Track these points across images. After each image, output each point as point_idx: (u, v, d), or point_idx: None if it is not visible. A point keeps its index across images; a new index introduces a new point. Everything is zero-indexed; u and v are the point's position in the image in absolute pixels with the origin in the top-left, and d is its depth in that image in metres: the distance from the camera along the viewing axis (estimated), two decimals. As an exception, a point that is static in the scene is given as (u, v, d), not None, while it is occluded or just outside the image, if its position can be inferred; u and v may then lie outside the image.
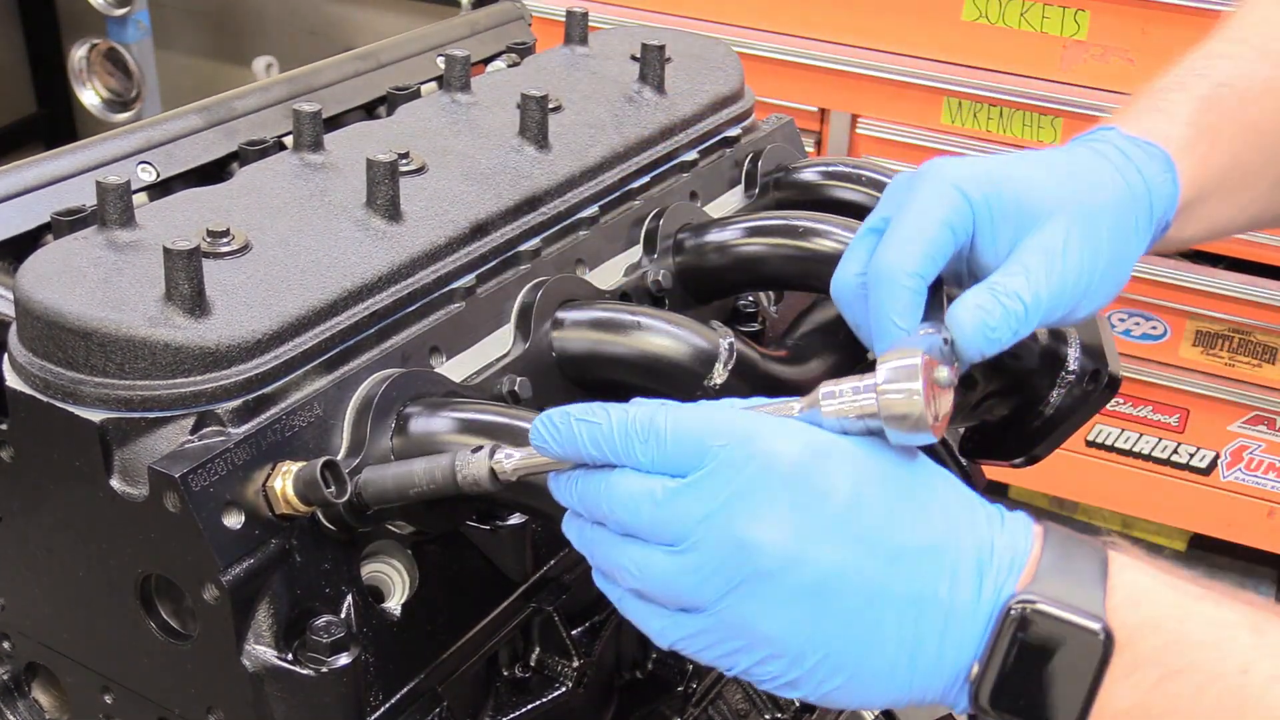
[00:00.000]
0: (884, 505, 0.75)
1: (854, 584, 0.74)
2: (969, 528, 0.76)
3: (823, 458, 0.75)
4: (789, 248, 1.10)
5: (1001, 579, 0.75)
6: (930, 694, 0.76)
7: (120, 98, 3.57)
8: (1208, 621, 0.74)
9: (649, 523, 0.76)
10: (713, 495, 0.75)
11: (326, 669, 0.82)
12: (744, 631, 0.75)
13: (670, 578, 0.76)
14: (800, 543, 0.74)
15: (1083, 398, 1.15)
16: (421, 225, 0.99)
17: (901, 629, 0.74)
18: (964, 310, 0.87)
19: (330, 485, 0.80)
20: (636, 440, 0.77)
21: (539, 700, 0.97)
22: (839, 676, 0.75)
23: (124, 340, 0.83)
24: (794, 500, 0.74)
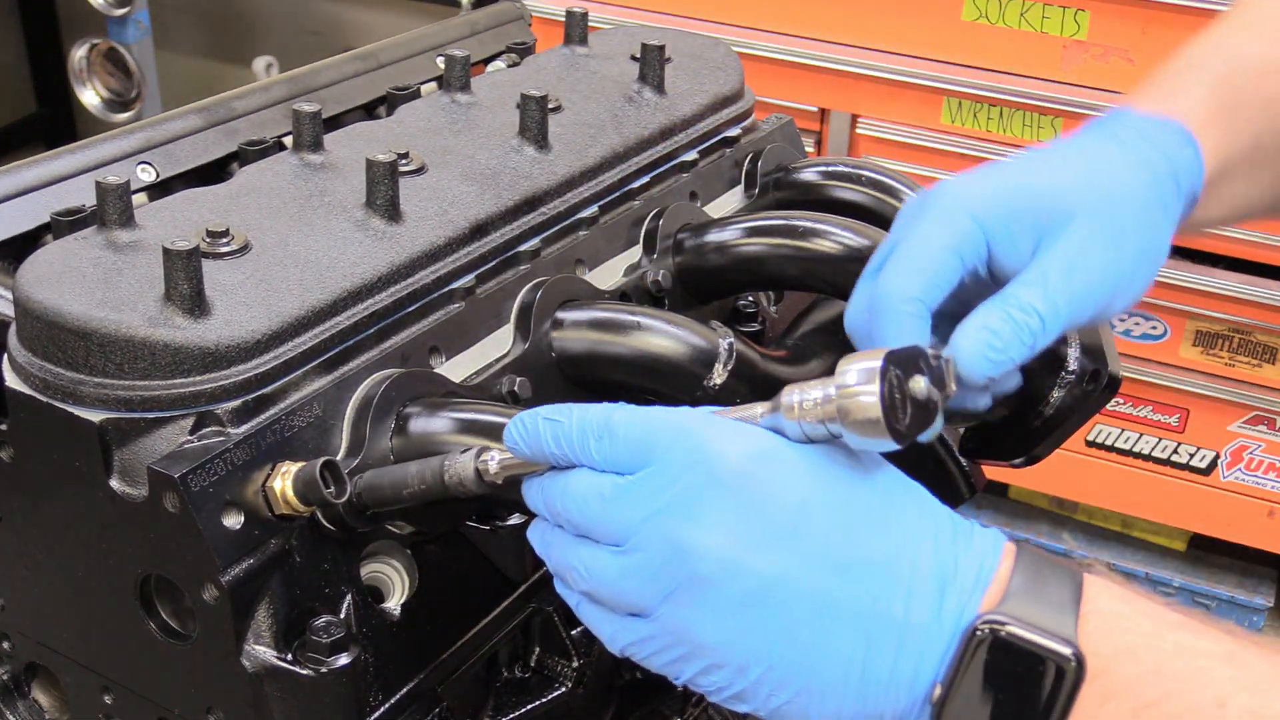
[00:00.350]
0: (833, 515, 0.73)
1: (797, 595, 0.72)
2: (930, 542, 0.74)
3: (769, 462, 0.73)
4: (789, 248, 1.10)
5: (965, 597, 0.72)
6: (888, 713, 0.73)
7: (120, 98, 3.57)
8: (1185, 652, 0.71)
9: (596, 520, 0.75)
10: (655, 496, 0.73)
11: (326, 669, 0.82)
12: (685, 639, 0.73)
13: (615, 579, 0.75)
14: (739, 549, 0.72)
15: (1083, 398, 1.14)
16: (421, 225, 0.99)
17: (851, 644, 0.72)
18: (966, 334, 0.84)
19: (329, 485, 0.80)
20: (591, 438, 0.76)
21: (539, 700, 0.97)
22: (786, 690, 0.73)
23: (123, 340, 0.82)
24: (735, 505, 0.72)
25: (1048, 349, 1.16)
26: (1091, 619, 0.72)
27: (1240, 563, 3.04)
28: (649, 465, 0.74)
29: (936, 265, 0.87)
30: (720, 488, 0.73)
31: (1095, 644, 0.71)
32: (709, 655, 0.73)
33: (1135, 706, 0.70)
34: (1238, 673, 0.70)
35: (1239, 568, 3.04)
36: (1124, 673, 0.70)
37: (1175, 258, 2.67)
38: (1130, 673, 0.70)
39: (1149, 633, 0.72)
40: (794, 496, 0.73)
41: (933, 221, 0.88)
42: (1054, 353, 1.17)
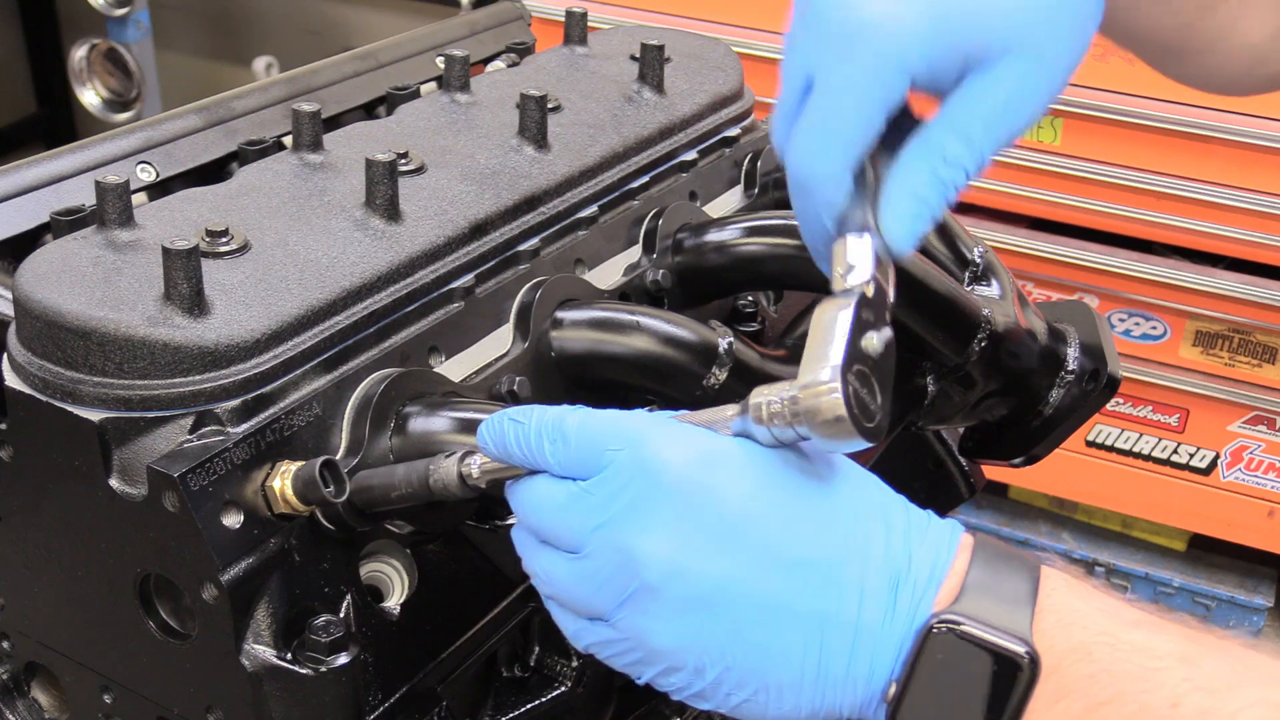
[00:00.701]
0: (780, 516, 0.73)
1: (744, 598, 0.72)
2: (881, 540, 0.73)
3: (713, 467, 0.73)
4: (788, 247, 1.10)
5: (918, 596, 0.72)
6: (845, 710, 0.74)
7: (120, 98, 3.57)
8: (1140, 651, 0.71)
9: (551, 527, 0.76)
10: (605, 503, 0.74)
11: (325, 668, 0.82)
12: (641, 644, 0.74)
13: (571, 586, 0.75)
14: (684, 556, 0.72)
15: (1082, 398, 1.15)
16: (420, 225, 0.99)
17: (804, 645, 0.72)
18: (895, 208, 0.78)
19: (329, 485, 0.80)
20: (546, 441, 0.77)
21: (538, 700, 0.97)
22: (744, 690, 0.73)
23: (123, 340, 0.83)
24: (679, 511, 0.72)
25: (1047, 349, 1.16)
26: (1047, 616, 0.72)
27: (1240, 563, 3.04)
28: (600, 471, 0.74)
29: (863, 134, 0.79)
30: (664, 495, 0.73)
31: (1050, 641, 0.71)
32: (665, 659, 0.74)
33: (1088, 705, 0.70)
34: (1192, 672, 0.70)
35: (1239, 568, 3.04)
36: (1078, 671, 0.70)
37: (1175, 258, 2.68)
38: (1084, 671, 0.70)
39: (1105, 630, 0.72)
40: (738, 500, 0.73)
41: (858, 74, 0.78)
42: (1053, 353, 1.17)
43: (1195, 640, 0.72)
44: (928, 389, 1.15)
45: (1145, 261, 2.66)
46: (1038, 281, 2.72)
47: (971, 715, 0.71)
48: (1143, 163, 2.50)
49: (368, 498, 0.83)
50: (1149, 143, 2.46)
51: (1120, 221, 2.60)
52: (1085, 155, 2.54)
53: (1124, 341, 2.76)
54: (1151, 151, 2.47)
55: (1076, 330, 1.20)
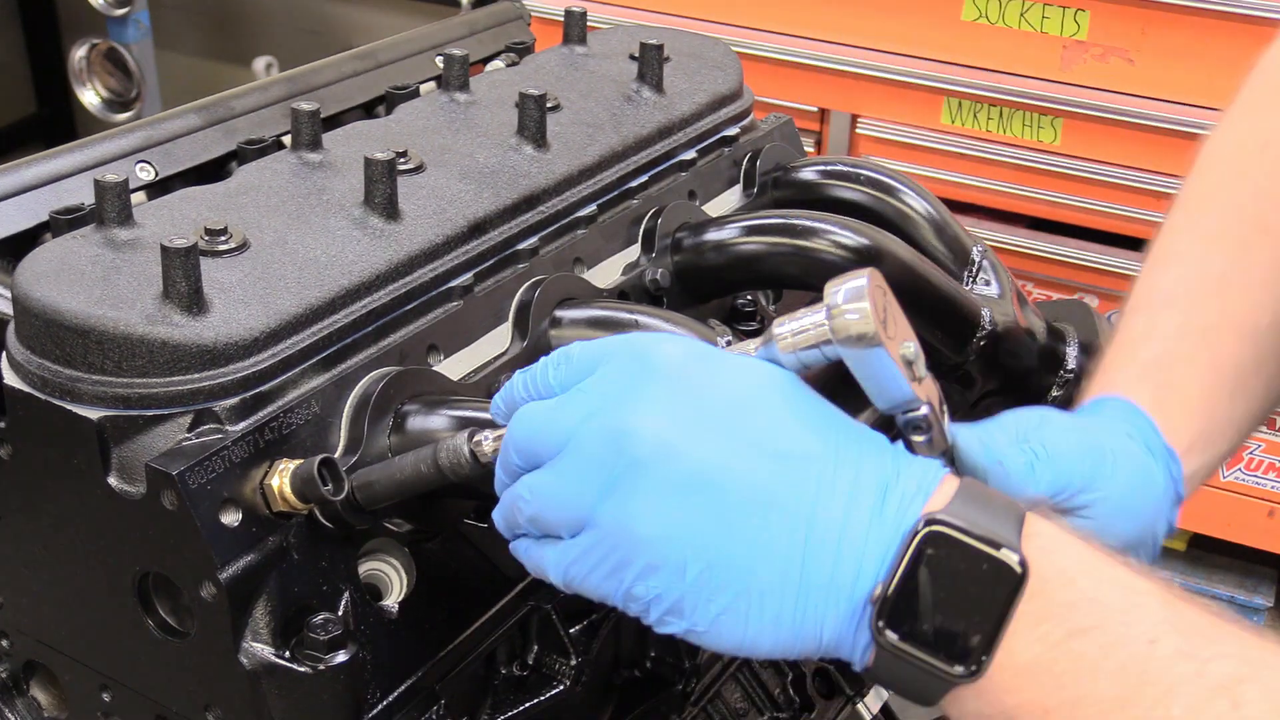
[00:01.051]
0: (776, 410, 0.73)
1: (734, 482, 0.71)
2: (873, 450, 0.74)
3: (712, 361, 0.75)
4: (787, 247, 1.10)
5: (907, 501, 0.72)
6: (828, 623, 0.72)
7: (120, 98, 3.57)
8: (1121, 585, 0.71)
9: (541, 433, 0.76)
10: (596, 395, 0.75)
11: (324, 666, 0.82)
12: (624, 539, 0.72)
13: (555, 488, 0.75)
14: (677, 433, 0.72)
15: (1081, 397, 1.14)
16: (419, 224, 0.99)
17: (790, 540, 0.71)
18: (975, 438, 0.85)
19: (327, 483, 0.80)
20: (551, 367, 0.78)
21: (537, 698, 0.97)
22: (726, 593, 0.72)
23: (122, 338, 0.83)
24: (674, 393, 0.73)
25: (1047, 349, 1.16)
26: (1033, 540, 0.72)
27: (1240, 563, 3.04)
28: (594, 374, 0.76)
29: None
30: (660, 378, 0.74)
31: (1035, 564, 0.70)
32: (647, 552, 0.72)
33: (1069, 630, 0.69)
34: (1171, 614, 0.70)
35: (1239, 568, 3.04)
36: (1061, 596, 0.70)
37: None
38: (1066, 597, 0.70)
39: (1088, 561, 0.72)
40: (735, 389, 0.74)
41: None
42: (1053, 352, 1.17)
43: (1173, 588, 0.72)
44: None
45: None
46: (1038, 281, 2.72)
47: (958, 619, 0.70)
48: (1143, 163, 2.50)
49: (371, 493, 0.83)
50: (1149, 143, 2.46)
51: (1120, 221, 2.60)
52: (1085, 155, 2.54)
53: (1124, 341, 2.75)
54: (1151, 151, 2.47)
55: (1076, 330, 1.20)
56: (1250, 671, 0.68)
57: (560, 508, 0.75)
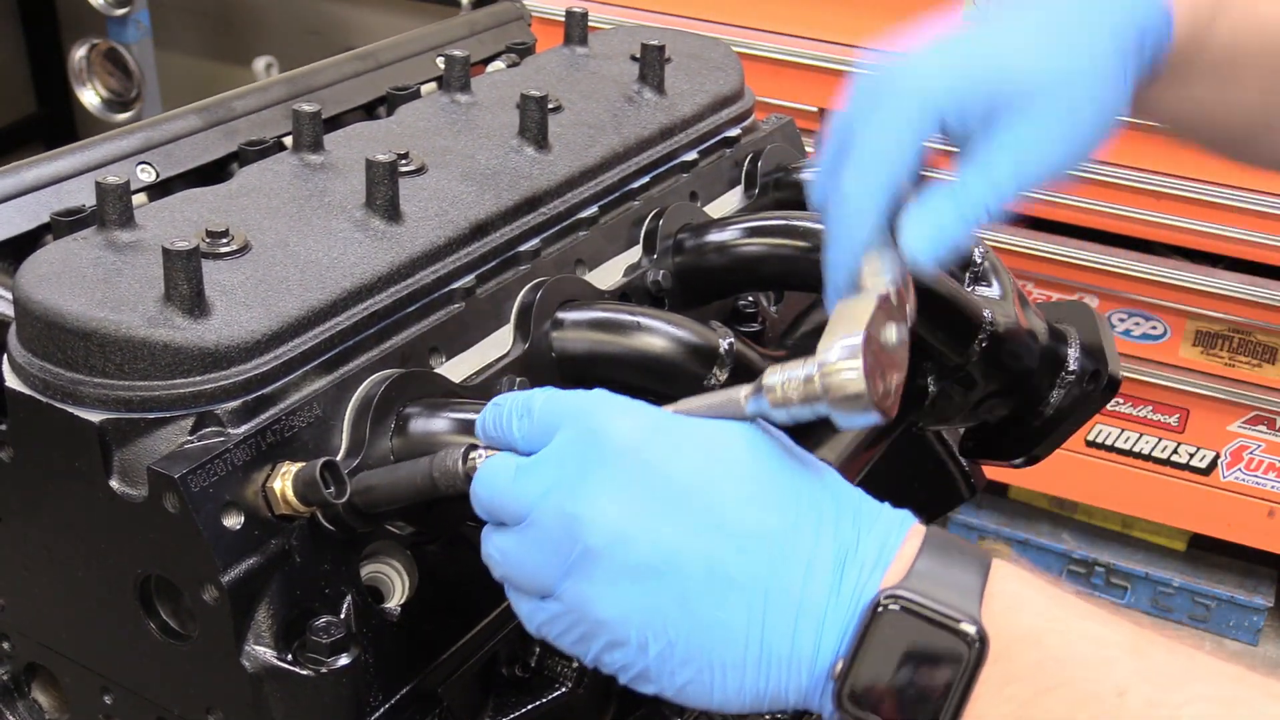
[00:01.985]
0: (727, 488, 0.73)
1: (689, 566, 0.72)
2: (831, 520, 0.73)
3: (661, 436, 0.74)
4: (789, 248, 1.10)
5: (865, 574, 0.72)
6: (791, 692, 0.73)
7: (120, 98, 3.57)
8: (1088, 639, 0.71)
9: (502, 499, 0.76)
10: (552, 471, 0.75)
11: (326, 669, 0.82)
12: (586, 616, 0.73)
13: (519, 558, 0.76)
14: (629, 521, 0.72)
15: (1082, 398, 1.15)
16: (421, 226, 0.99)
17: (748, 618, 0.71)
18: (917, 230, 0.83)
19: (329, 486, 0.80)
20: (515, 418, 0.78)
21: (539, 701, 0.97)
22: (689, 668, 0.72)
23: (123, 341, 0.82)
24: (624, 478, 0.73)
25: (1048, 349, 1.16)
26: (996, 600, 0.71)
27: (1240, 563, 3.04)
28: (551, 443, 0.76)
29: (894, 166, 0.85)
30: (609, 461, 0.73)
31: (999, 626, 0.70)
32: (608, 632, 0.73)
33: (1036, 691, 0.69)
34: (1140, 664, 0.70)
35: (1239, 568, 3.04)
36: (1026, 657, 0.70)
37: (1175, 257, 2.68)
38: (1032, 657, 0.70)
39: (1053, 618, 0.72)
40: (686, 469, 0.73)
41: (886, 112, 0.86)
42: (1054, 353, 1.17)
43: (1143, 634, 0.72)
44: (928, 389, 1.15)
45: (1145, 261, 2.66)
46: (1038, 281, 2.72)
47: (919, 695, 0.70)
48: (1143, 163, 2.50)
49: (370, 498, 0.83)
50: (1149, 143, 2.45)
51: (1120, 221, 2.60)
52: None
53: (1124, 341, 2.76)
54: (1151, 152, 2.47)
55: (1077, 330, 1.20)
56: (1224, 713, 0.68)
57: (526, 577, 0.76)
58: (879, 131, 0.86)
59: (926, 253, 0.83)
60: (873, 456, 1.20)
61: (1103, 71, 0.88)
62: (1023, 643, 0.70)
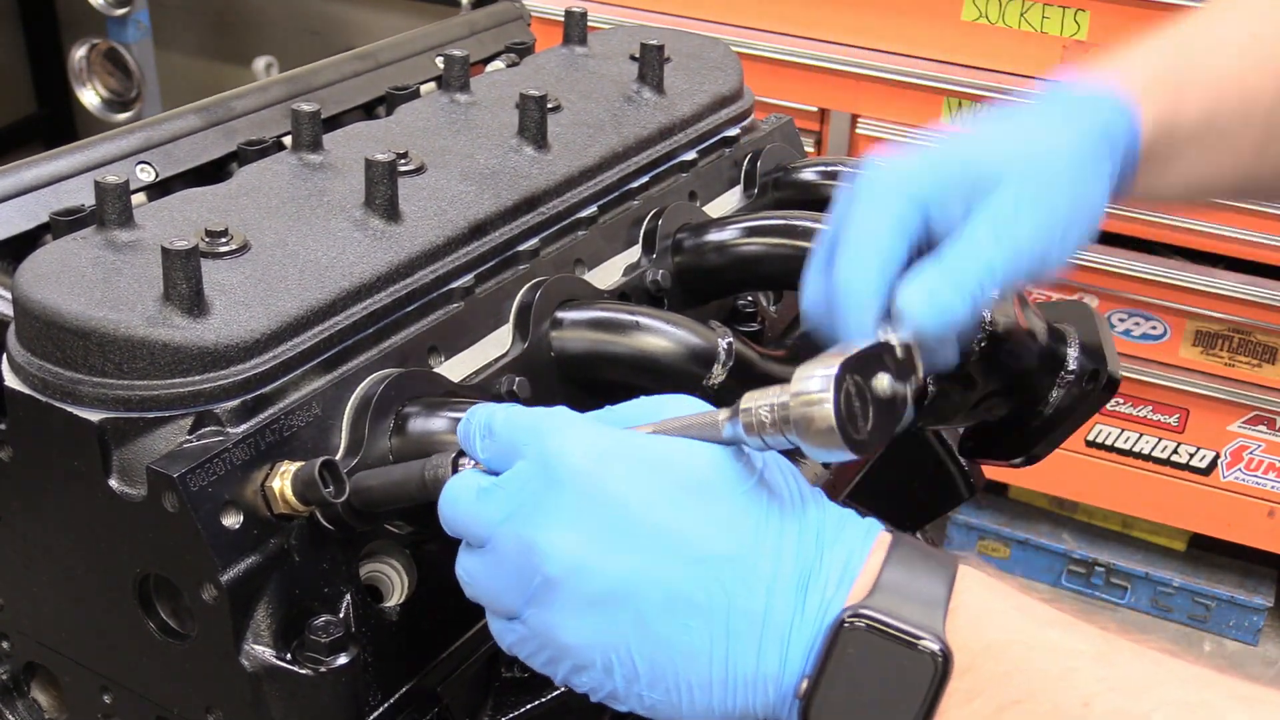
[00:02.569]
0: (683, 512, 0.73)
1: (648, 592, 0.72)
2: (793, 538, 0.73)
3: (615, 462, 0.74)
4: (788, 248, 1.10)
5: (830, 593, 0.72)
6: (759, 709, 0.73)
7: (120, 98, 3.57)
8: (1053, 650, 0.71)
9: (464, 522, 0.77)
10: (511, 497, 0.75)
11: (325, 669, 0.82)
12: (550, 642, 0.74)
13: (485, 582, 0.76)
14: (584, 550, 0.72)
15: (1082, 398, 1.14)
16: (420, 225, 0.99)
17: (711, 641, 0.72)
18: (911, 294, 0.84)
19: (328, 485, 0.80)
20: (478, 436, 0.79)
21: (538, 700, 0.97)
22: (656, 690, 0.73)
23: (122, 340, 0.82)
24: (579, 506, 0.73)
25: (1047, 349, 1.16)
26: (961, 614, 0.72)
27: (1240, 563, 3.04)
28: (512, 466, 0.76)
29: (885, 252, 0.87)
30: (564, 489, 0.74)
31: (963, 639, 0.70)
32: (572, 656, 0.74)
33: (1001, 704, 0.69)
34: (1106, 672, 0.70)
35: (1239, 568, 3.04)
36: (990, 670, 0.70)
37: (1175, 257, 2.68)
38: (997, 670, 0.70)
39: (1018, 629, 0.72)
40: (641, 495, 0.73)
41: (872, 207, 0.89)
42: (1053, 353, 1.17)
43: (1110, 641, 0.72)
44: (927, 389, 1.15)
45: (1145, 261, 2.66)
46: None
47: (885, 712, 0.70)
48: (1143, 163, 2.50)
49: (366, 498, 0.83)
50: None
51: (1120, 222, 2.60)
52: (1085, 155, 2.54)
53: (1124, 341, 2.76)
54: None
55: (1076, 330, 1.19)
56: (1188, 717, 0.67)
57: (492, 600, 0.77)
58: (866, 222, 0.88)
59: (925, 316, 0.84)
60: (872, 457, 1.20)
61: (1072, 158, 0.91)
62: (987, 654, 0.71)
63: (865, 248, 0.88)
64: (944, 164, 0.90)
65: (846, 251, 0.88)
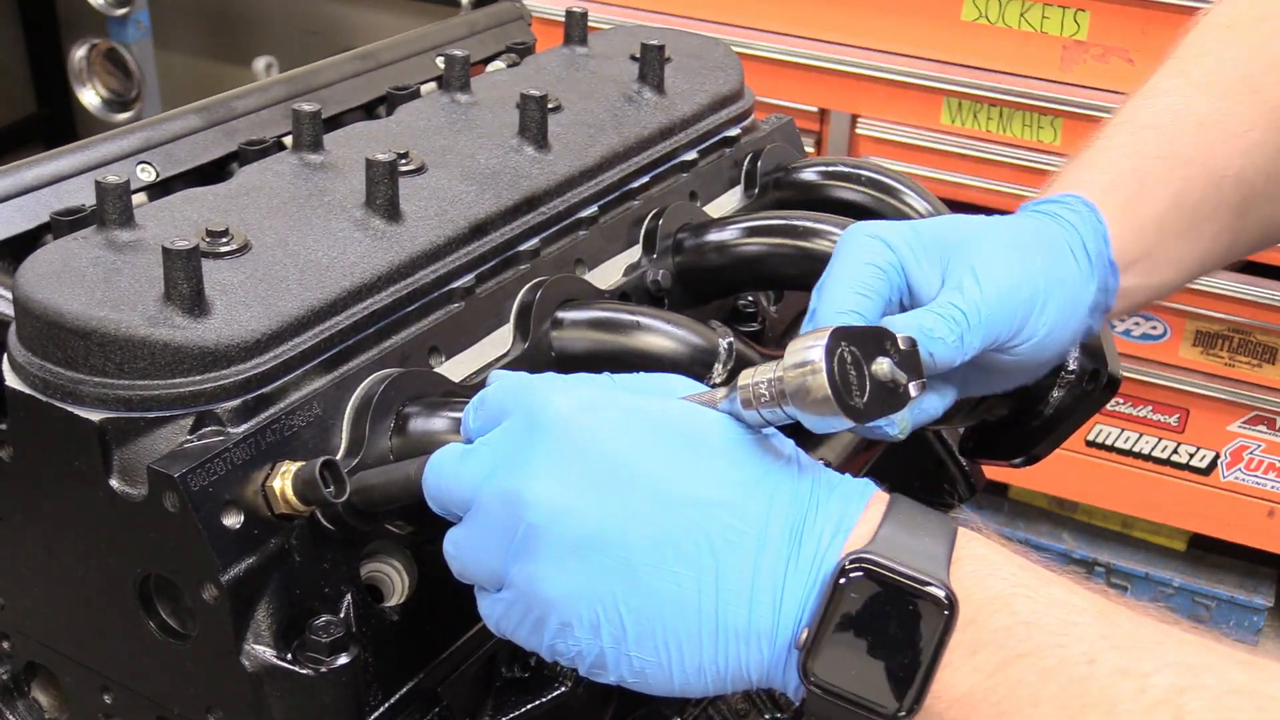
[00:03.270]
0: (671, 457, 0.72)
1: (632, 537, 0.71)
2: (787, 488, 0.72)
3: (599, 410, 0.74)
4: (788, 248, 1.10)
5: (825, 542, 0.71)
6: (753, 668, 0.72)
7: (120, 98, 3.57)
8: (1057, 604, 0.70)
9: (449, 486, 0.76)
10: (493, 453, 0.75)
11: (326, 669, 0.82)
12: (536, 599, 0.73)
13: (470, 547, 0.76)
14: (569, 495, 0.71)
15: (1083, 398, 1.15)
16: (421, 225, 0.99)
17: (699, 590, 0.70)
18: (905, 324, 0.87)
19: (329, 485, 0.80)
20: (471, 411, 0.79)
21: (538, 700, 0.97)
22: (644, 648, 0.71)
23: (123, 340, 0.83)
24: (561, 452, 0.72)
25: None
26: (964, 565, 0.71)
27: (1240, 563, 3.04)
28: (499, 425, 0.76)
29: (864, 280, 0.89)
30: (546, 436, 0.73)
31: (967, 589, 0.69)
32: (559, 611, 0.72)
33: (1005, 657, 0.68)
34: (1110, 630, 0.69)
35: (1239, 568, 3.04)
36: (995, 622, 0.69)
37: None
38: (1001, 623, 0.69)
39: (1022, 583, 0.71)
40: (625, 441, 0.73)
41: (849, 248, 0.92)
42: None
43: (1112, 601, 0.71)
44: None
45: (1145, 261, 2.66)
46: (1038, 281, 2.72)
47: (888, 661, 0.69)
48: (1143, 163, 2.50)
49: (368, 498, 0.83)
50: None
51: (1120, 221, 2.60)
52: (1085, 155, 2.54)
53: (1124, 341, 2.76)
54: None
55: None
56: (1192, 680, 0.67)
57: (478, 565, 0.76)
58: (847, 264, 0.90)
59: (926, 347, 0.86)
60: (873, 456, 1.20)
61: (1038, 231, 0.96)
62: (990, 607, 0.69)
63: (842, 282, 0.89)
64: (921, 228, 0.93)
65: (825, 289, 0.90)
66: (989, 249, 0.91)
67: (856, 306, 0.88)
